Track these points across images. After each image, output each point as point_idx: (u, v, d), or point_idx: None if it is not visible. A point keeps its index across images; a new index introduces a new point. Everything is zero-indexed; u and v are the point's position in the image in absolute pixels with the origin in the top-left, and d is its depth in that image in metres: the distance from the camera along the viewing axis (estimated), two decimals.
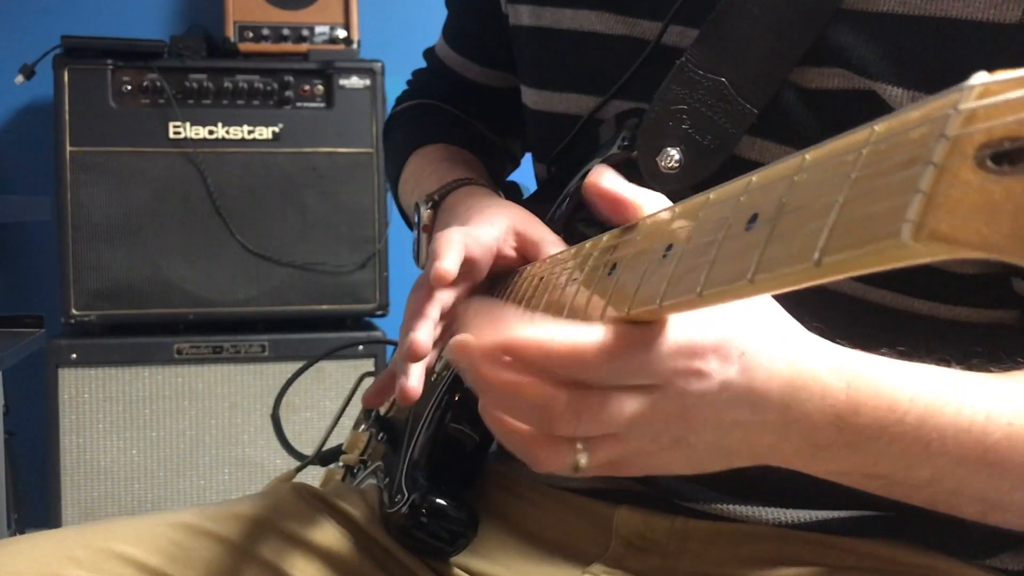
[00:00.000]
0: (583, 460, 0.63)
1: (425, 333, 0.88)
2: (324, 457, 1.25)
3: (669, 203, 0.67)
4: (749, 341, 0.63)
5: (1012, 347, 0.79)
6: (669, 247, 0.58)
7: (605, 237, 0.71)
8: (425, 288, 0.91)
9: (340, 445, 1.25)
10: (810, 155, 0.47)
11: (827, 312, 0.70)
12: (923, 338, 0.74)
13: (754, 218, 0.50)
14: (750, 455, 0.68)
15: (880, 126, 0.42)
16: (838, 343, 0.68)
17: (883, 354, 0.70)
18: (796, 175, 0.48)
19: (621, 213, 0.69)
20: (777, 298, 0.66)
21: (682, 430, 0.64)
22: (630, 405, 0.62)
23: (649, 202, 0.68)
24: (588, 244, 0.75)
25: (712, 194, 0.57)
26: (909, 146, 0.39)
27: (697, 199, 0.58)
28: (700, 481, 0.93)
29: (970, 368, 0.73)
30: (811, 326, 0.67)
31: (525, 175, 1.27)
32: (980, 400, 0.70)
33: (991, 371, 0.74)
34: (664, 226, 0.61)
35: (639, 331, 0.60)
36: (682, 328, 0.60)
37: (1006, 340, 0.87)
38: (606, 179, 0.70)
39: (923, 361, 0.71)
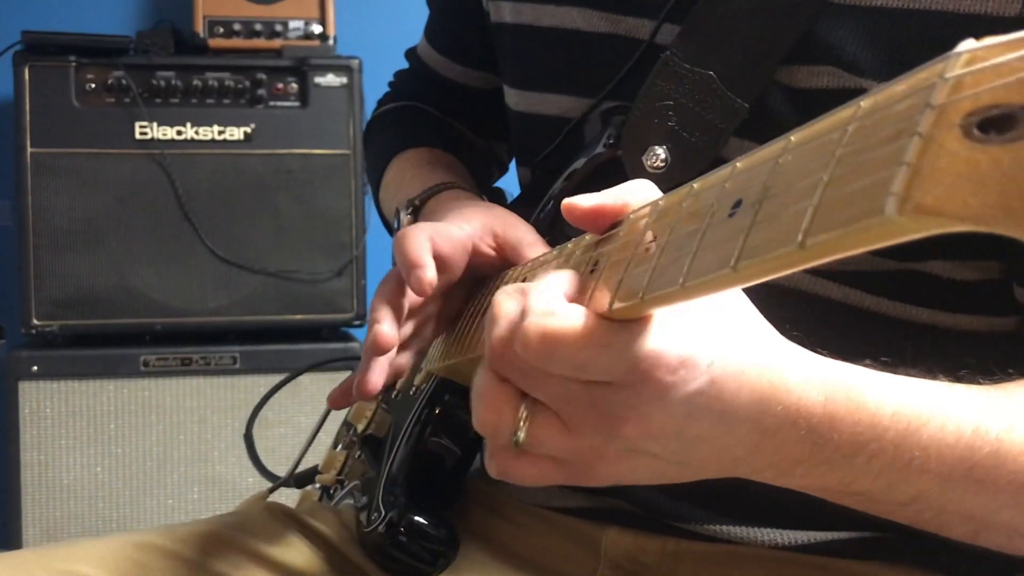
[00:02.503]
0: (521, 433, 0.63)
1: (390, 326, 0.88)
2: (299, 478, 1.25)
3: (654, 187, 0.67)
4: (719, 350, 0.62)
5: (1011, 357, 0.79)
6: (652, 239, 0.58)
7: (588, 235, 0.71)
8: (394, 281, 0.91)
9: (316, 466, 1.24)
10: (795, 136, 0.48)
11: (817, 319, 0.70)
12: (922, 347, 0.73)
13: (738, 203, 0.50)
14: (718, 467, 0.67)
15: (866, 102, 0.43)
16: (818, 352, 0.68)
17: (866, 365, 0.69)
18: (781, 157, 0.48)
19: (610, 221, 0.69)
20: (764, 303, 0.65)
21: (637, 437, 0.63)
22: (579, 387, 0.61)
23: (633, 195, 0.67)
24: (570, 244, 0.75)
25: (696, 183, 0.57)
26: (895, 119, 0.40)
27: (681, 190, 0.59)
28: (692, 500, 0.93)
29: (958, 380, 0.73)
30: (789, 334, 0.67)
31: (510, 182, 1.27)
32: (967, 414, 0.70)
33: (980, 383, 0.74)
34: (647, 219, 0.61)
35: (614, 328, 0.59)
36: (655, 337, 0.59)
37: (1005, 349, 0.88)
38: (581, 201, 0.68)
39: (908, 372, 0.71)
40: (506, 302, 0.63)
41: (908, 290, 0.89)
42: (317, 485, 1.22)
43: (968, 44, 0.38)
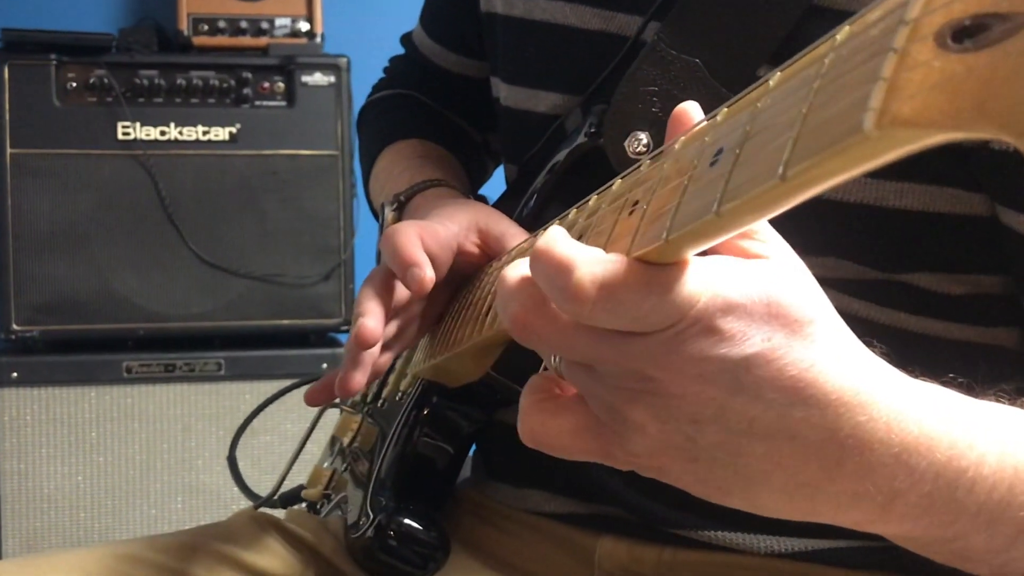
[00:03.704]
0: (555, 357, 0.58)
1: (376, 321, 0.88)
2: (285, 498, 1.25)
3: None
4: (825, 312, 0.55)
5: (1013, 370, 0.79)
6: (635, 203, 0.57)
7: (571, 213, 0.71)
8: (380, 278, 0.91)
9: (301, 485, 1.24)
10: (773, 80, 0.48)
11: None
12: (912, 356, 0.70)
13: (719, 152, 0.49)
14: (780, 489, 0.57)
15: (841, 33, 0.43)
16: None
17: (942, 383, 0.63)
18: (760, 101, 0.48)
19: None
20: None
21: (682, 412, 0.54)
22: (615, 341, 0.53)
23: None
24: (553, 224, 0.75)
25: (677, 143, 0.56)
26: (871, 42, 0.40)
27: (663, 150, 0.57)
28: (689, 507, 0.93)
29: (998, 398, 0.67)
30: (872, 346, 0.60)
31: (496, 183, 1.27)
32: None
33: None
34: (630, 186, 0.61)
35: (669, 269, 0.51)
36: (710, 279, 0.52)
37: (1006, 363, 0.88)
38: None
39: (979, 395, 0.65)
40: (515, 269, 0.56)
41: (896, 300, 0.89)
42: (303, 504, 1.22)
43: None
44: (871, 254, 0.87)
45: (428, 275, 0.86)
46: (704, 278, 0.51)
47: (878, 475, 0.56)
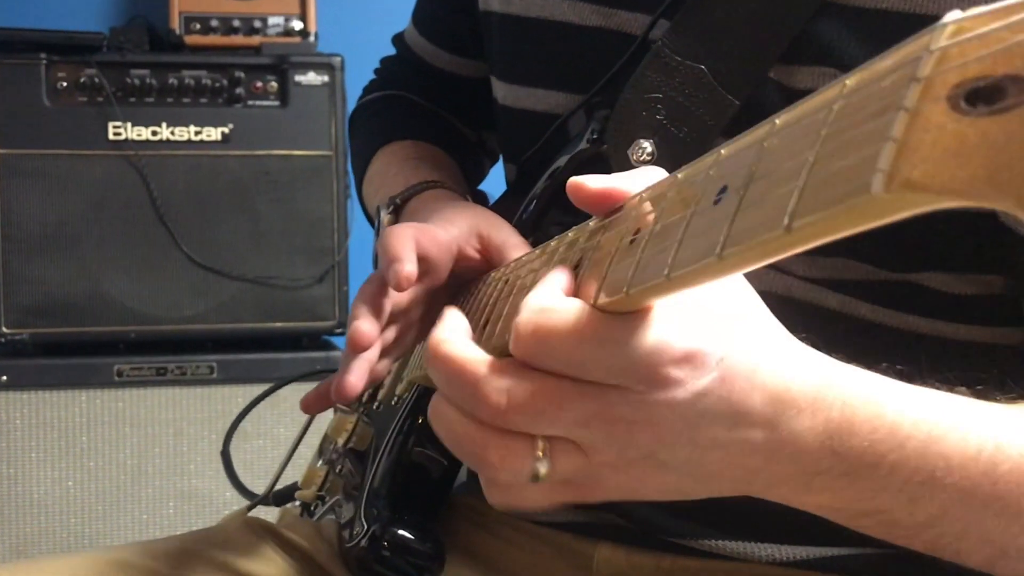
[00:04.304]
0: (543, 467, 0.60)
1: (370, 324, 0.88)
2: (278, 496, 1.25)
3: (663, 173, 0.65)
4: (730, 347, 0.60)
5: (1018, 370, 0.79)
6: (637, 232, 0.57)
7: (571, 233, 0.71)
8: (376, 282, 0.91)
9: (296, 483, 1.24)
10: (780, 119, 0.48)
11: (814, 328, 0.70)
12: (924, 359, 0.72)
13: (723, 190, 0.49)
14: (732, 481, 0.65)
15: (851, 79, 0.43)
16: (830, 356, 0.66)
17: (881, 372, 0.68)
18: (766, 140, 0.48)
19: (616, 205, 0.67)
20: None
21: (651, 443, 0.60)
22: (592, 402, 0.59)
23: (642, 182, 0.64)
24: (554, 242, 0.75)
25: (681, 173, 0.57)
26: (881, 94, 0.40)
27: (666, 180, 0.59)
28: (688, 515, 0.93)
29: (977, 395, 0.71)
30: (800, 336, 0.65)
31: (496, 180, 1.27)
32: (989, 429, 0.68)
33: (998, 399, 0.73)
34: (631, 212, 0.61)
35: (613, 321, 0.57)
36: (657, 329, 0.57)
37: (1012, 362, 0.88)
38: (589, 182, 0.66)
39: (925, 384, 0.69)
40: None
41: (905, 301, 0.89)
42: (297, 503, 1.22)
43: (954, 15, 0.38)
44: (881, 254, 0.87)
45: (406, 271, 0.85)
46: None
47: (806, 458, 0.63)
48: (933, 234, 0.85)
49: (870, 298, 0.89)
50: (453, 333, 0.62)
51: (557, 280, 0.62)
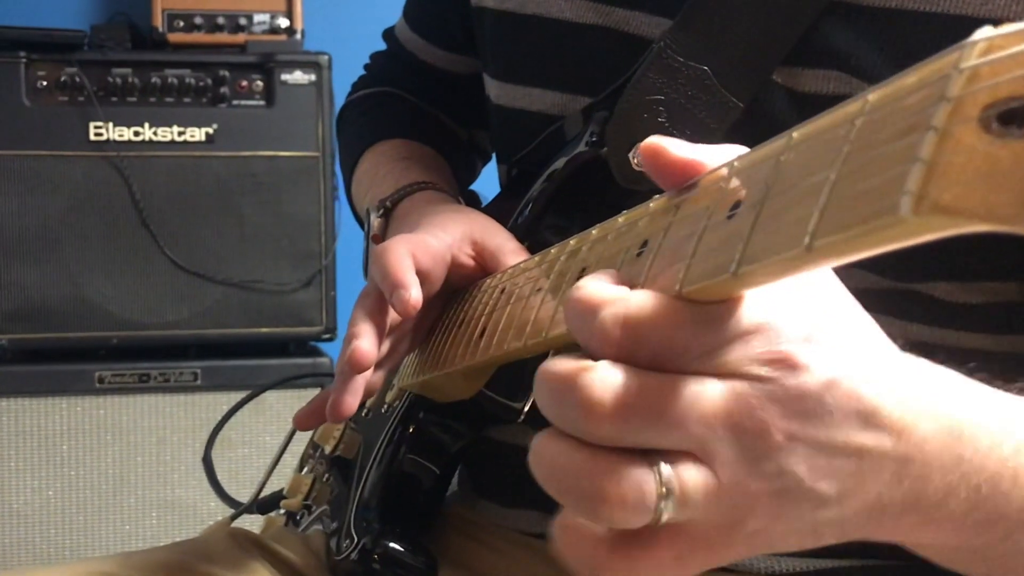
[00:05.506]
0: (670, 503, 0.51)
1: (371, 343, 0.88)
2: (263, 504, 1.24)
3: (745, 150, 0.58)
4: (849, 337, 0.55)
5: None
6: (644, 244, 0.57)
7: (572, 241, 0.70)
8: (375, 296, 0.90)
9: (281, 490, 1.24)
10: (797, 133, 0.47)
11: None
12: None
13: (736, 205, 0.49)
14: (864, 508, 0.55)
15: (874, 95, 0.42)
16: None
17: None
18: (783, 155, 0.47)
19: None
20: None
21: (781, 445, 0.52)
22: (712, 393, 0.51)
23: (717, 158, 0.57)
24: (554, 250, 0.74)
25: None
26: (906, 113, 0.39)
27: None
28: None
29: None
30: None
31: (489, 180, 1.27)
32: None
33: None
34: (638, 222, 0.60)
35: (707, 305, 0.51)
36: (764, 308, 0.51)
37: (1019, 371, 0.87)
38: (674, 148, 0.57)
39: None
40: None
41: (909, 309, 0.89)
42: (282, 511, 1.21)
43: (985, 32, 0.38)
44: (885, 263, 0.87)
45: (413, 298, 0.85)
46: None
47: (935, 475, 0.56)
48: (940, 242, 0.84)
49: (873, 307, 0.89)
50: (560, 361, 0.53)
51: (606, 276, 0.55)
